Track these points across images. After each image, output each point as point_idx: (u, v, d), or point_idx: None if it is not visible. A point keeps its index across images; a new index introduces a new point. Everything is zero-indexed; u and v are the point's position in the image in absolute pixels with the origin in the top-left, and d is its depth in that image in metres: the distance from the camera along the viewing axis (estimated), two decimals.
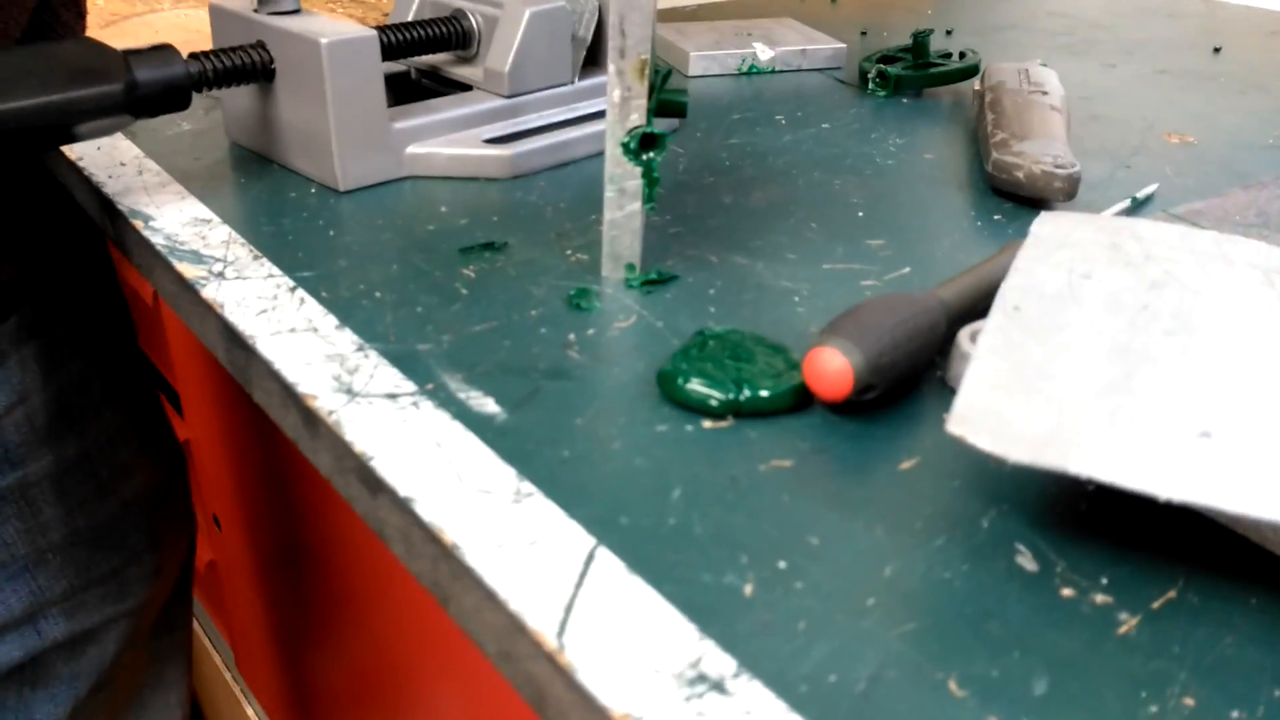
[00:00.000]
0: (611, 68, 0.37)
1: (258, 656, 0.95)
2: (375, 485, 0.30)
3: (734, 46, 0.72)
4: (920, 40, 0.69)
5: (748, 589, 0.26)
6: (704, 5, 0.93)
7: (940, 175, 0.54)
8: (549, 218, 0.47)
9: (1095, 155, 0.57)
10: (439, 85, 0.57)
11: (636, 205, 0.40)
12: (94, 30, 0.83)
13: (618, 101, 0.38)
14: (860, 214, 0.49)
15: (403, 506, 0.28)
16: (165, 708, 0.74)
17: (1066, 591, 0.26)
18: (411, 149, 0.50)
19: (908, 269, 0.43)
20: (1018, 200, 0.50)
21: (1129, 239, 0.33)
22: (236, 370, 0.38)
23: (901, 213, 0.49)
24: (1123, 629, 0.25)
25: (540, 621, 0.24)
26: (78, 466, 0.58)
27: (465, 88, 0.55)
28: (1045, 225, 0.35)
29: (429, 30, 0.54)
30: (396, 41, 0.52)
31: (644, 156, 0.39)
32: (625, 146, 0.38)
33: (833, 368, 0.31)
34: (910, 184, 0.53)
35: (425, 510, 0.28)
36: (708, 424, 0.32)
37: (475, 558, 0.26)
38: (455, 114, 0.52)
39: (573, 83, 0.56)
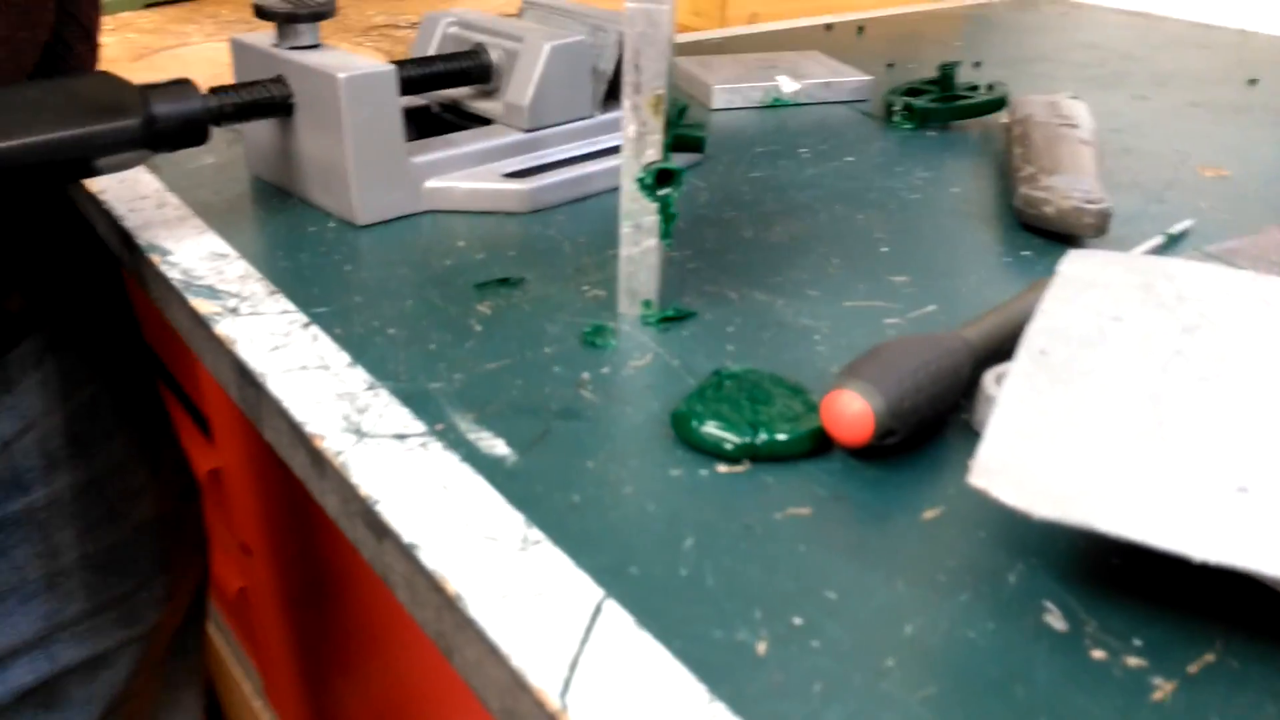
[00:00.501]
0: (627, 103, 0.37)
1: (285, 683, 0.95)
2: (380, 530, 0.29)
3: (758, 79, 0.71)
4: (946, 72, 0.68)
5: (761, 647, 0.24)
6: (730, 38, 0.93)
7: (967, 210, 0.53)
8: (567, 253, 0.46)
9: (1127, 189, 0.56)
10: (460, 119, 0.57)
11: (653, 241, 0.39)
12: (124, 63, 0.84)
13: (633, 137, 0.37)
14: (884, 249, 0.48)
15: (407, 553, 0.28)
16: None
17: (1097, 653, 0.24)
18: (430, 183, 0.50)
19: (933, 307, 0.42)
20: (1047, 236, 0.49)
21: (1161, 279, 0.32)
22: (248, 407, 0.37)
23: (926, 248, 0.48)
24: (1157, 695, 0.23)
25: (543, 679, 0.23)
26: (88, 491, 0.58)
27: (487, 122, 0.55)
28: (1073, 264, 0.34)
29: (448, 65, 0.54)
30: (415, 76, 0.52)
31: (660, 192, 0.38)
32: (641, 182, 0.38)
33: (852, 411, 0.30)
34: (936, 219, 0.52)
35: (429, 558, 0.27)
36: (722, 468, 0.31)
37: (478, 609, 0.25)
38: (474, 148, 0.51)
39: (593, 116, 0.56)
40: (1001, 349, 0.36)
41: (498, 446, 0.32)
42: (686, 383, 0.36)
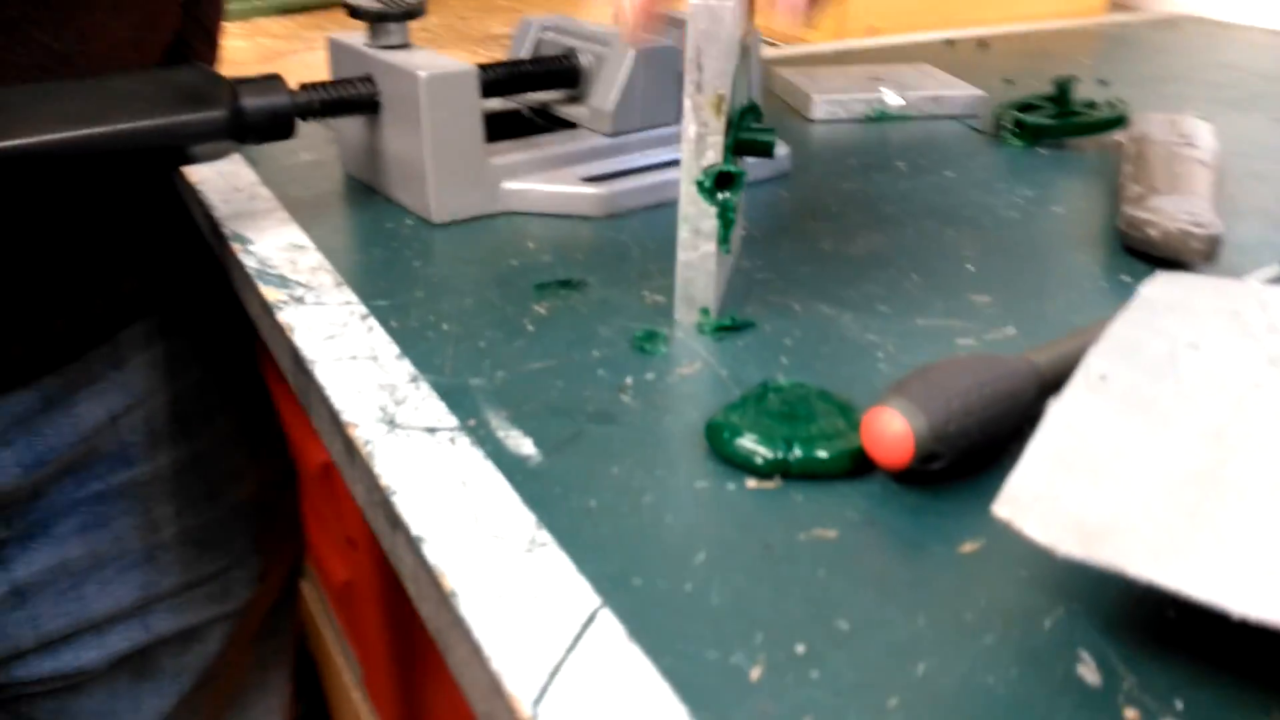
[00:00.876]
0: (688, 103, 0.36)
1: (382, 677, 0.97)
2: (394, 521, 0.29)
3: (862, 91, 0.69)
4: (1062, 87, 0.64)
5: (755, 672, 0.23)
6: (844, 51, 0.91)
7: (1067, 230, 0.50)
8: (634, 258, 0.45)
9: (1248, 216, 0.51)
10: (550, 124, 0.57)
11: (711, 247, 0.38)
12: (252, 66, 0.88)
13: (693, 138, 0.36)
14: (969, 267, 0.45)
15: (414, 546, 0.27)
16: (267, 711, 0.76)
17: (1130, 713, 0.22)
18: (508, 184, 0.50)
19: (1012, 329, 0.40)
20: (1152, 261, 0.46)
21: (1253, 307, 0.29)
22: (300, 394, 0.38)
23: (1016, 268, 0.45)
24: None
25: (519, 685, 0.22)
26: (190, 469, 0.60)
27: (573, 126, 0.55)
28: (1158, 287, 0.31)
29: (536, 68, 0.54)
30: (501, 78, 0.52)
31: (719, 196, 0.37)
32: (700, 185, 0.37)
33: (891, 431, 0.28)
34: (1032, 238, 0.49)
35: (432, 552, 0.27)
36: (752, 484, 0.30)
37: (469, 608, 0.25)
38: (554, 151, 0.51)
39: (679, 123, 0.55)
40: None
41: (525, 446, 0.31)
42: (732, 393, 0.35)
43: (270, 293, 0.42)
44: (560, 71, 0.54)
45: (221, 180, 0.54)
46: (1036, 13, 1.09)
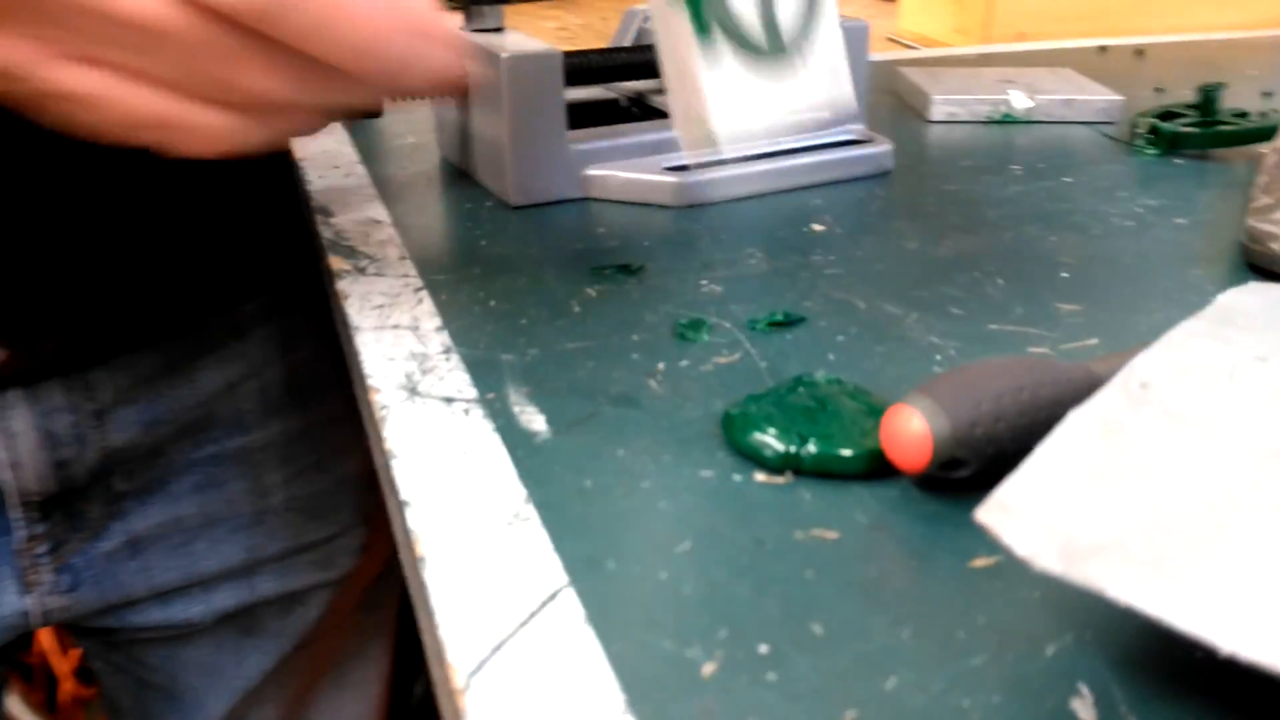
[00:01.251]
0: None
1: None
2: (392, 486, 0.28)
3: (987, 93, 0.65)
4: (1208, 95, 0.59)
5: (708, 668, 0.21)
6: (988, 55, 0.87)
7: (1187, 243, 0.45)
8: (701, 248, 0.44)
9: None
10: (645, 113, 0.56)
11: (691, 47, 0.35)
12: None
13: None
14: (1064, 274, 0.42)
15: (400, 509, 0.27)
16: (364, 681, 0.78)
17: None
18: (589, 170, 0.50)
19: (1094, 340, 0.36)
20: (1275, 277, 0.41)
21: None
22: (349, 361, 0.38)
23: (1115, 279, 0.41)
24: None
25: (459, 656, 0.22)
26: (300, 439, 0.62)
27: (665, 116, 0.54)
28: (1241, 296, 0.28)
29: (630, 57, 0.53)
30: (590, 65, 0.52)
31: None
32: None
33: (908, 431, 0.26)
34: (1142, 249, 0.45)
35: (414, 516, 0.26)
36: (760, 477, 0.28)
37: (434, 574, 0.24)
38: (639, 139, 0.51)
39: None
40: None
41: (537, 422, 0.31)
42: (765, 385, 0.33)
43: (338, 262, 0.43)
44: (652, 61, 0.53)
45: (324, 158, 0.56)
46: (1209, 23, 1.01)
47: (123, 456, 0.53)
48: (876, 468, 0.28)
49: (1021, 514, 0.20)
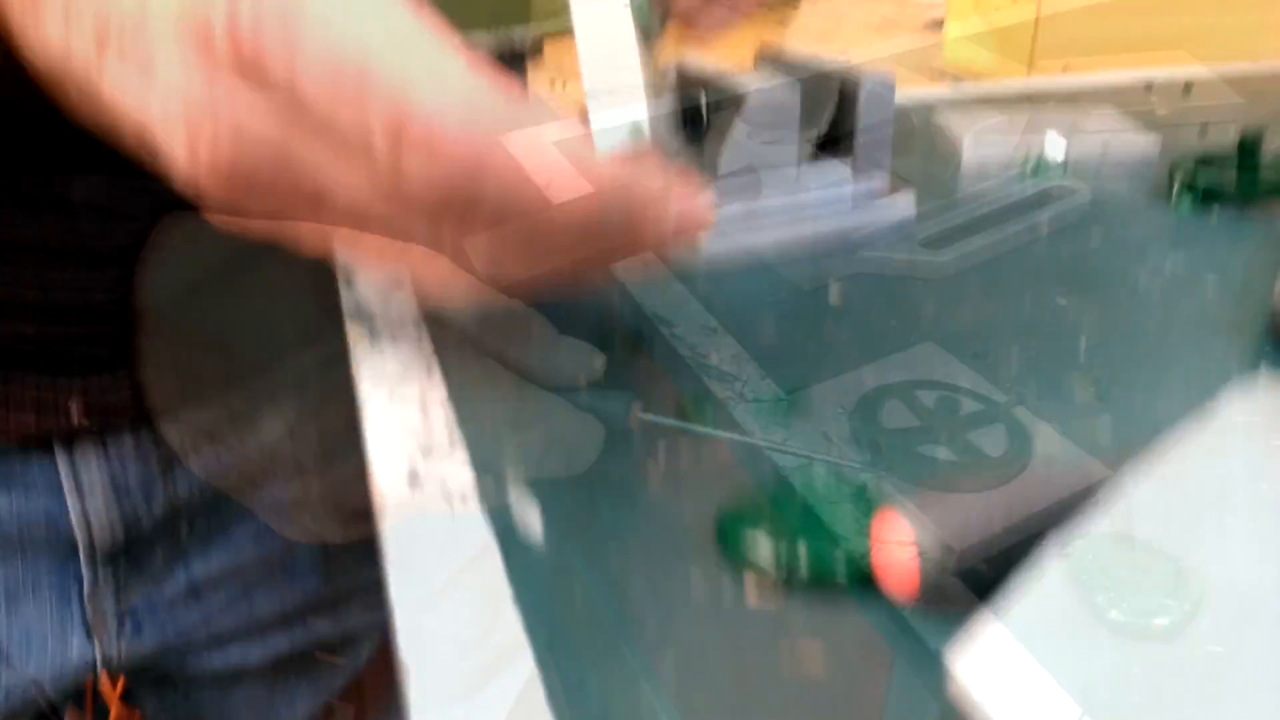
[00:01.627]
0: None
1: None
2: None
3: (1019, 137, 0.64)
4: (1249, 142, 0.57)
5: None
6: (1025, 93, 0.85)
7: (1210, 309, 0.44)
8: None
9: None
10: None
11: None
12: None
13: None
14: (1077, 344, 0.41)
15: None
16: None
17: None
18: None
19: (1106, 419, 0.35)
20: None
21: None
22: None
23: (1132, 350, 0.40)
24: None
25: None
26: (357, 484, 0.63)
27: None
28: (1242, 404, 0.27)
29: None
30: None
31: None
32: None
33: (895, 563, 0.26)
34: (1164, 315, 0.43)
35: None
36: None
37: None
38: None
39: (796, 167, 0.53)
40: None
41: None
42: (763, 471, 0.33)
43: (352, 328, 0.43)
44: (684, 113, 0.54)
45: None
46: (1264, 51, 0.98)
47: (188, 506, 0.54)
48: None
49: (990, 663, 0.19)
